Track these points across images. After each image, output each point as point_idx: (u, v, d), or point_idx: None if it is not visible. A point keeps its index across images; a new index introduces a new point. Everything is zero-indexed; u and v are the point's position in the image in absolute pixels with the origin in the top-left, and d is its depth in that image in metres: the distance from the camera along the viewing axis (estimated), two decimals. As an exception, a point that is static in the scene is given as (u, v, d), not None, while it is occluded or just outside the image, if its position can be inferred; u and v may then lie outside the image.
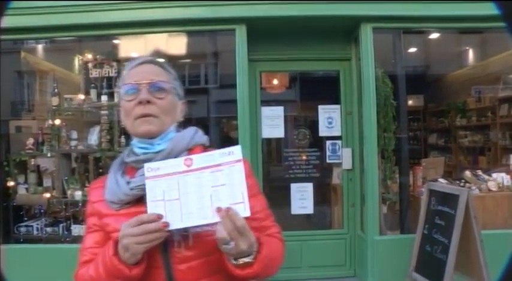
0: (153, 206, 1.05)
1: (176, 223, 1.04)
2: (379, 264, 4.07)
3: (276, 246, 1.21)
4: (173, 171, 1.08)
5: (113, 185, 1.21)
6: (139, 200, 1.16)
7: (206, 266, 1.15)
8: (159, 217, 1.05)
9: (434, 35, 5.08)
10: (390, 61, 4.64)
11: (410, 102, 5.29)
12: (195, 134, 1.29)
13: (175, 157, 1.18)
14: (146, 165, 1.10)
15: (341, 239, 4.60)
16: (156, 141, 1.23)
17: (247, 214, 1.02)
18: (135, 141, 1.27)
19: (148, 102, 1.21)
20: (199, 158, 1.08)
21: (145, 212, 1.10)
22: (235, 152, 1.06)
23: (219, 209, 1.02)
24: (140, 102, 1.20)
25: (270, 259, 1.11)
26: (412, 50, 5.25)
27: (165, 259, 1.14)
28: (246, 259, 1.05)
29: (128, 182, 1.19)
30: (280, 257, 1.21)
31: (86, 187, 4.48)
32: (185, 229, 1.10)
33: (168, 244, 1.13)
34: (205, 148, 1.27)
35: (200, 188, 1.05)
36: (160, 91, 1.24)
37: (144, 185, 1.12)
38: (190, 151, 1.23)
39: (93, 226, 1.27)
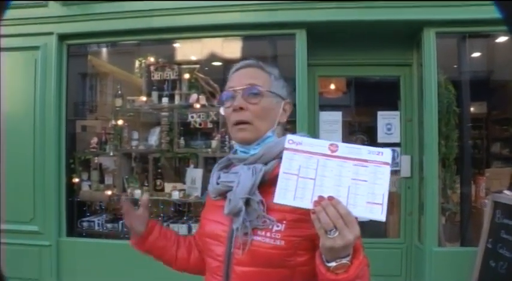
0: (284, 178, 1.03)
1: (303, 202, 1.00)
2: (437, 276, 3.92)
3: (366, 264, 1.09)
4: (315, 151, 1.05)
5: (211, 177, 1.32)
6: (225, 195, 1.23)
7: (262, 276, 1.15)
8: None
9: (501, 39, 4.85)
10: (453, 66, 4.48)
11: (472, 109, 5.06)
12: None
13: (266, 163, 1.21)
14: (288, 136, 1.08)
15: (397, 248, 4.48)
16: (253, 146, 1.26)
17: (383, 218, 0.97)
18: (236, 144, 1.34)
19: (242, 108, 1.23)
20: (346, 148, 1.05)
21: (223, 206, 1.21)
22: (385, 154, 1.03)
23: (321, 198, 0.97)
24: (235, 109, 1.24)
25: (363, 270, 1.00)
26: (477, 54, 5.06)
27: (227, 256, 1.20)
28: (344, 261, 0.96)
29: (219, 177, 1.28)
30: (368, 277, 1.09)
31: (144, 186, 4.64)
32: (247, 232, 1.14)
33: (232, 244, 1.18)
34: None
35: (339, 177, 1.01)
36: (254, 96, 1.24)
37: (225, 181, 1.23)
38: (282, 158, 1.19)
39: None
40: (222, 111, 1.34)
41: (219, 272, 1.21)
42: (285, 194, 1.01)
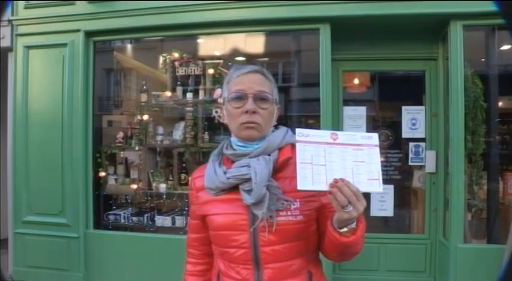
0: (301, 167, 1.19)
1: (320, 185, 1.18)
2: (462, 273, 3.87)
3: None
4: (321, 140, 1.23)
5: (212, 173, 1.40)
6: (234, 188, 1.35)
7: (288, 250, 1.33)
8: None
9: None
10: (480, 60, 4.39)
11: (500, 103, 4.94)
12: (285, 135, 1.42)
13: (268, 154, 1.36)
14: (298, 130, 1.25)
15: (421, 244, 4.44)
16: (255, 143, 1.40)
17: (381, 189, 1.20)
18: (234, 139, 1.44)
19: (254, 112, 1.37)
20: (344, 136, 1.25)
21: (239, 199, 1.33)
22: (374, 138, 1.26)
23: (335, 180, 1.16)
24: (247, 111, 1.36)
25: (364, 232, 1.23)
26: (506, 47, 4.93)
27: (253, 241, 1.33)
28: (352, 225, 1.19)
29: (225, 172, 1.37)
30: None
31: (169, 180, 4.71)
32: (271, 216, 1.29)
33: (256, 228, 1.32)
34: (293, 147, 1.35)
35: (343, 160, 1.21)
36: (264, 101, 1.39)
37: (237, 175, 1.33)
38: (281, 149, 1.39)
39: (193, 214, 1.54)
40: (223, 106, 1.48)
41: (247, 257, 1.35)
42: (305, 181, 1.18)
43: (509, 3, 0.89)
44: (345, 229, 1.20)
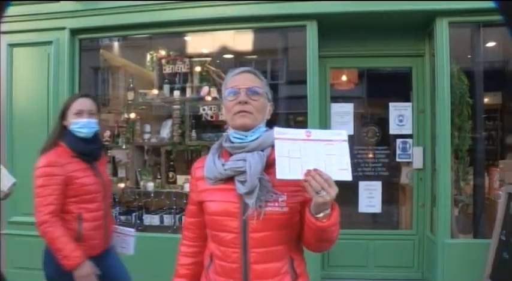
0: (280, 160, 1.34)
1: (296, 175, 1.32)
2: (450, 268, 3.91)
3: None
4: (296, 137, 1.38)
5: (211, 164, 1.56)
6: (230, 179, 1.51)
7: (273, 238, 1.48)
8: None
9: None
10: (466, 57, 4.43)
11: (486, 99, 4.99)
12: None
13: (262, 150, 1.52)
14: (276, 129, 1.40)
15: (409, 240, 4.48)
16: (249, 133, 1.55)
17: (350, 178, 1.33)
18: (232, 132, 1.59)
19: (246, 103, 1.53)
20: (316, 133, 1.40)
21: (234, 189, 1.48)
22: (343, 134, 1.41)
23: (309, 171, 1.31)
24: (239, 102, 1.53)
25: (338, 218, 1.37)
26: (491, 44, 4.96)
27: (242, 227, 1.48)
28: (327, 211, 1.33)
29: (223, 164, 1.52)
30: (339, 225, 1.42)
31: (157, 178, 4.69)
32: (261, 205, 1.44)
33: (246, 216, 1.46)
34: None
35: (317, 154, 1.36)
36: (255, 94, 1.56)
37: (234, 167, 1.48)
38: (273, 147, 1.46)
39: (191, 200, 1.69)
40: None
41: (236, 241, 1.49)
42: (283, 171, 1.33)
43: (509, 3, 0.89)
44: (321, 214, 1.34)
